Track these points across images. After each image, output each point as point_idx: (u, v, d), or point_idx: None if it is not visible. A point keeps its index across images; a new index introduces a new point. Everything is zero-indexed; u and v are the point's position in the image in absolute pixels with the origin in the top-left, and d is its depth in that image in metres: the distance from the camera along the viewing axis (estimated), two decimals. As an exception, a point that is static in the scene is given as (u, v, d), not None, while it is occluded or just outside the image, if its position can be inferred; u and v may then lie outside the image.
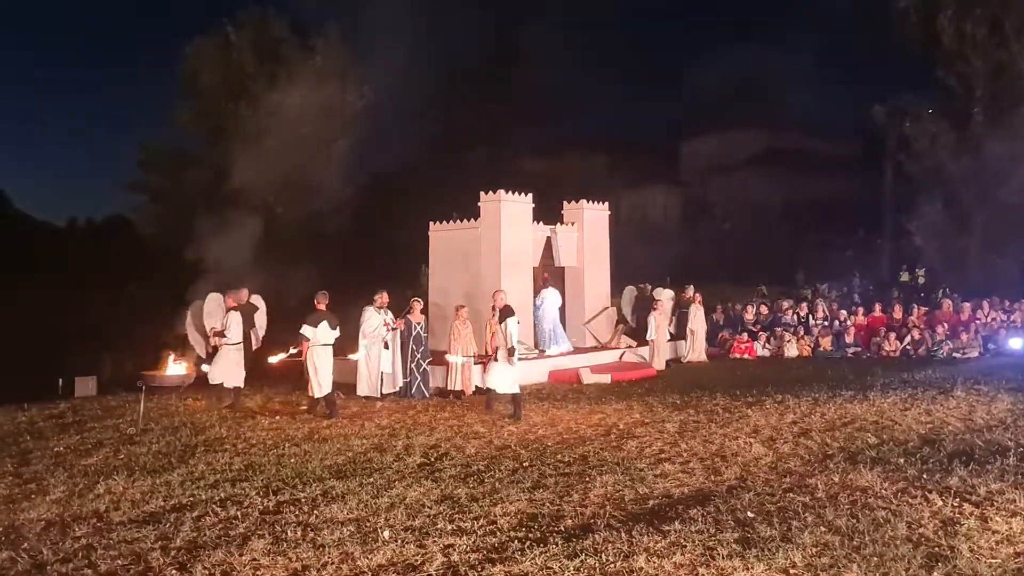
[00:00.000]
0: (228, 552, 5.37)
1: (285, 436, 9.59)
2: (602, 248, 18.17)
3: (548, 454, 8.44)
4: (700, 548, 5.34)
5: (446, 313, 15.11)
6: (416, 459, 8.29)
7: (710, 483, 7.15)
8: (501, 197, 15.83)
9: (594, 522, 6.00)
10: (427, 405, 12.03)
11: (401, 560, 5.23)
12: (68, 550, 5.48)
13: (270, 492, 6.99)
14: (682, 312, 18.31)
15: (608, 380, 14.47)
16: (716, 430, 9.62)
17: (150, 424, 10.42)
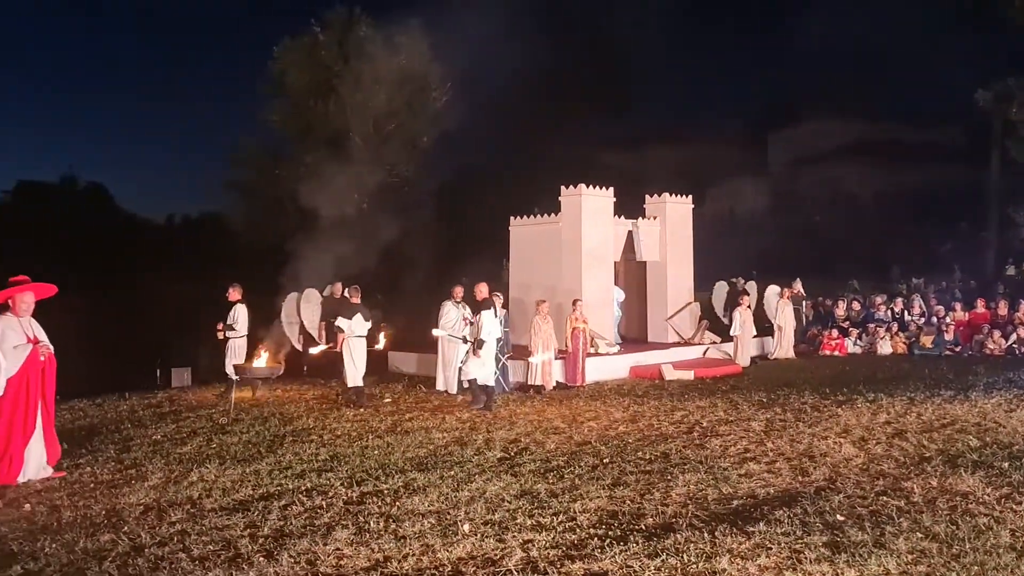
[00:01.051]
0: (313, 541, 5.49)
1: (369, 428, 9.77)
2: (685, 242, 17.86)
3: (629, 451, 8.34)
4: (786, 551, 5.17)
5: (526, 308, 15.13)
6: (496, 453, 8.32)
7: (797, 484, 6.93)
8: (582, 191, 15.74)
9: (676, 521, 5.89)
10: (507, 399, 12.06)
11: (481, 554, 5.25)
12: (164, 534, 5.70)
13: (354, 483, 7.12)
14: (795, 307, 18.01)
15: (691, 376, 14.22)
16: (804, 429, 9.33)
17: (241, 414, 10.77)
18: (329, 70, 23.94)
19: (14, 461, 7.11)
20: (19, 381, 7.13)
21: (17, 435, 7.12)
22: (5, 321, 7.20)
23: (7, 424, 7.08)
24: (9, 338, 7.13)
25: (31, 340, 7.25)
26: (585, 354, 13.76)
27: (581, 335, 13.61)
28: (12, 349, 7.09)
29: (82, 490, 7.00)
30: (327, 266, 16.15)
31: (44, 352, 7.32)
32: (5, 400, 7.04)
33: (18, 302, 7.30)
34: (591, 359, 14.11)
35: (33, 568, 5.05)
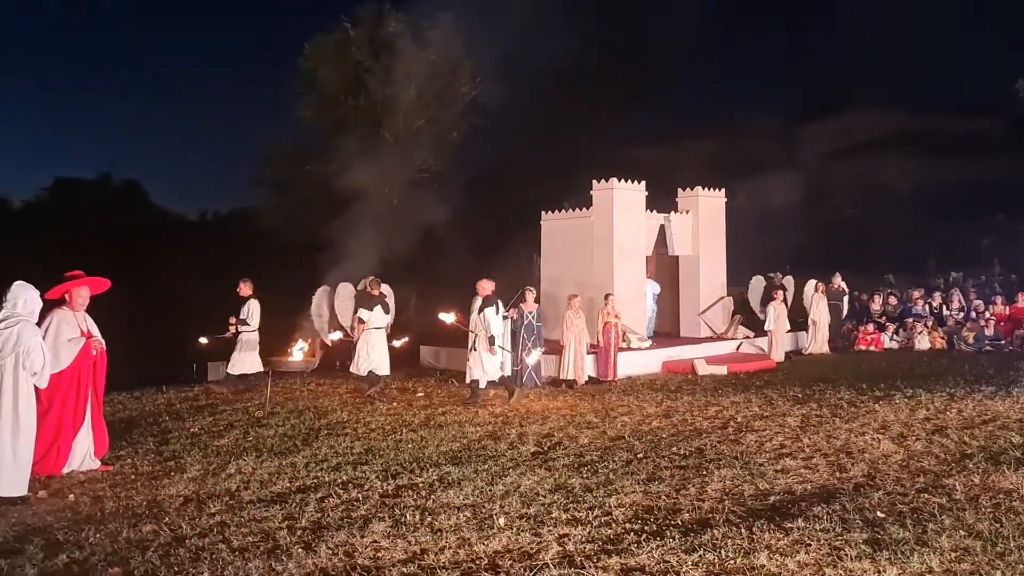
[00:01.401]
0: (350, 533, 5.53)
1: (402, 422, 9.82)
2: (718, 236, 17.72)
3: (663, 446, 8.30)
4: (826, 547, 5.11)
5: (558, 302, 15.12)
6: (529, 448, 8.32)
7: (835, 480, 6.85)
8: (614, 185, 15.67)
9: (712, 517, 5.85)
10: (539, 394, 12.06)
11: (517, 547, 5.26)
12: (204, 525, 5.78)
13: (389, 476, 7.17)
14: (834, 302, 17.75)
15: (724, 372, 14.12)
16: (841, 425, 9.22)
17: (276, 408, 10.88)
18: (359, 66, 24.02)
19: (62, 452, 7.24)
20: (71, 374, 7.25)
21: (67, 427, 7.24)
22: (61, 315, 7.34)
23: (58, 416, 7.21)
24: (64, 331, 7.25)
25: (84, 334, 7.38)
26: (617, 349, 13.71)
27: (613, 330, 13.57)
28: (66, 342, 7.22)
29: (123, 481, 7.12)
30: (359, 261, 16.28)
31: (96, 347, 7.44)
32: (56, 392, 7.17)
33: (75, 296, 7.44)
34: (623, 354, 14.06)
35: (79, 557, 5.15)
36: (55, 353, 7.16)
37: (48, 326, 7.23)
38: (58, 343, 7.20)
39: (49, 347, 7.11)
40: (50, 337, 7.17)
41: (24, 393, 6.62)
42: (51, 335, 7.19)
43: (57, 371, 7.16)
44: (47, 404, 7.17)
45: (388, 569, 4.87)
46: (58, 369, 7.18)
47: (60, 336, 7.25)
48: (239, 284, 12.96)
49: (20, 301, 6.68)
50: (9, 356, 6.53)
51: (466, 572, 4.83)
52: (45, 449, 7.16)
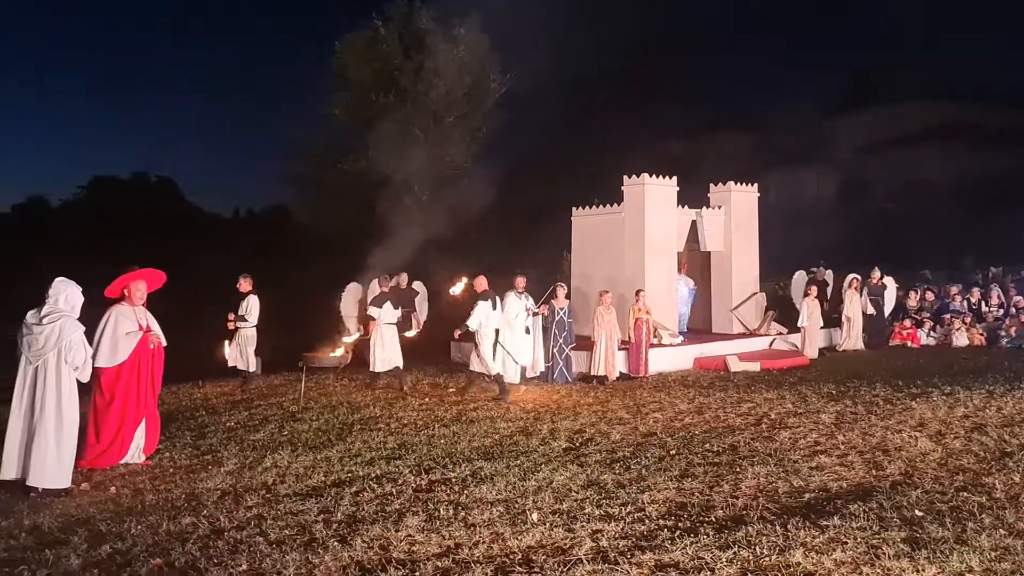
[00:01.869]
0: (385, 527, 5.59)
1: (434, 417, 9.88)
2: (751, 232, 17.56)
3: (696, 443, 8.26)
4: (863, 546, 5.06)
5: (588, 298, 15.09)
6: (561, 443, 8.33)
7: (871, 478, 6.78)
8: (645, 181, 15.60)
9: (746, 514, 5.82)
10: (570, 390, 12.06)
11: (550, 543, 5.27)
12: (241, 518, 5.87)
13: (422, 471, 7.22)
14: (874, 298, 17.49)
15: (757, 368, 14.00)
16: (876, 422, 9.11)
17: (310, 403, 11.00)
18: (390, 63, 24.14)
19: (124, 444, 7.40)
20: (131, 367, 7.40)
21: (129, 419, 7.40)
22: (119, 309, 7.48)
23: (120, 408, 7.36)
24: (122, 325, 7.39)
25: (142, 328, 7.50)
26: (648, 345, 13.66)
27: (644, 325, 13.52)
28: (124, 336, 7.36)
29: (163, 474, 7.25)
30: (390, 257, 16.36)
31: (154, 341, 7.57)
32: (118, 385, 7.33)
33: (132, 291, 7.58)
34: (654, 350, 14.00)
35: (121, 547, 5.26)
36: (114, 347, 7.31)
37: (107, 321, 7.38)
38: (116, 337, 7.34)
39: (108, 341, 7.27)
40: (108, 331, 7.32)
41: (67, 387, 6.75)
42: (109, 329, 7.33)
43: (116, 364, 7.32)
44: (109, 397, 7.35)
45: (423, 563, 4.91)
46: (117, 362, 7.33)
47: (118, 330, 7.37)
48: (239, 280, 12.94)
49: (61, 297, 6.81)
50: (52, 351, 6.67)
51: (500, 567, 4.86)
52: (109, 441, 7.34)
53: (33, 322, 6.72)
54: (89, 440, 7.37)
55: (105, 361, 7.34)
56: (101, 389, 7.37)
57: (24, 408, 6.71)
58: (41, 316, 6.72)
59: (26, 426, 6.68)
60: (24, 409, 6.71)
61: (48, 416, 6.63)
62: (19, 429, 6.69)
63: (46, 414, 6.62)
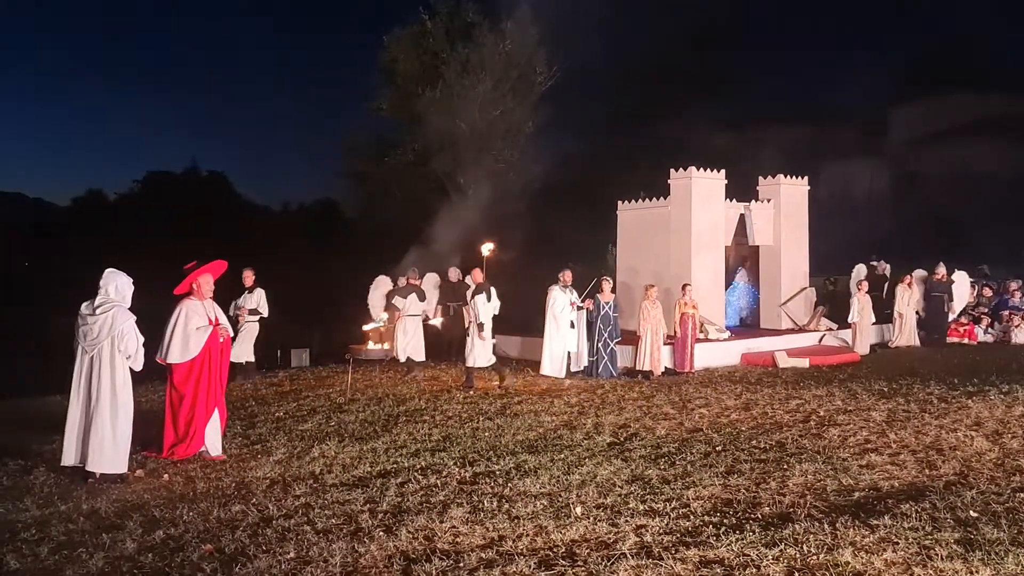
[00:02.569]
0: (429, 518, 5.63)
1: (479, 410, 9.92)
2: (800, 226, 17.27)
3: (742, 439, 8.17)
4: (915, 546, 4.96)
5: (634, 293, 15.00)
6: (606, 438, 8.31)
7: (924, 477, 6.62)
8: (692, 174, 15.43)
9: (793, 511, 5.73)
10: (615, 385, 12.01)
11: (594, 537, 5.26)
12: (290, 507, 5.97)
13: (466, 463, 7.26)
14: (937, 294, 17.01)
15: (806, 364, 13.78)
16: (930, 421, 8.90)
17: (356, 394, 11.14)
18: (436, 57, 24.25)
19: (196, 437, 7.48)
20: (202, 361, 7.48)
21: (201, 412, 7.48)
22: (189, 304, 7.57)
23: (191, 402, 7.46)
24: (192, 320, 7.48)
25: (212, 322, 7.60)
26: (694, 340, 13.53)
27: (690, 320, 13.39)
28: (195, 330, 7.45)
29: (213, 463, 7.40)
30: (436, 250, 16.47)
31: (223, 334, 7.67)
32: (189, 379, 7.43)
33: (202, 285, 7.68)
34: (700, 345, 13.87)
35: (174, 533, 5.39)
36: (185, 342, 7.41)
37: (177, 316, 7.48)
38: (188, 332, 7.43)
39: (179, 337, 7.38)
40: (180, 327, 7.42)
41: (120, 375, 6.91)
42: (180, 325, 7.43)
43: (188, 359, 7.42)
44: (183, 391, 7.45)
45: (467, 554, 4.94)
46: (188, 357, 7.42)
47: (189, 325, 7.46)
48: (243, 272, 12.54)
49: (111, 287, 6.98)
50: (105, 340, 6.84)
51: (543, 559, 4.86)
52: (183, 433, 7.45)
53: (87, 313, 6.91)
54: (167, 433, 7.52)
55: (177, 356, 7.42)
56: (174, 384, 7.49)
57: (81, 397, 6.91)
58: (94, 307, 6.91)
59: (83, 414, 6.88)
60: (81, 398, 6.91)
61: (103, 404, 6.81)
62: (77, 417, 6.90)
63: (101, 402, 6.81)
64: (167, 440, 7.53)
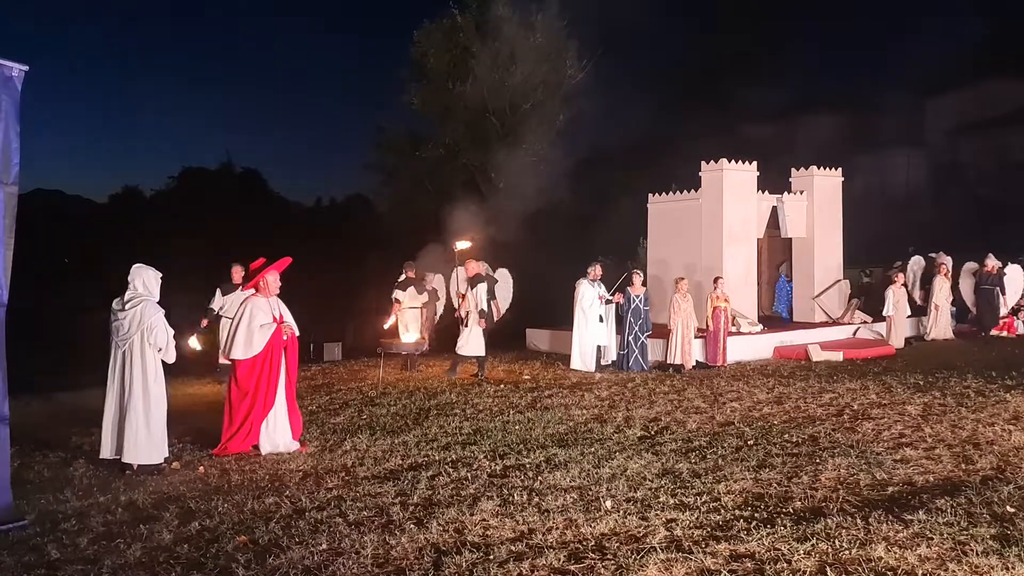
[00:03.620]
0: (460, 511, 5.67)
1: (509, 404, 9.96)
2: (834, 218, 17.06)
3: (774, 433, 8.11)
4: (949, 542, 4.89)
5: (664, 286, 14.93)
6: (636, 432, 8.29)
7: (960, 472, 6.52)
8: (723, 166, 15.31)
9: (826, 506, 5.68)
10: (645, 378, 11.97)
11: (624, 530, 5.26)
12: (322, 499, 6.05)
13: (497, 456, 7.29)
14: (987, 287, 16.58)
15: (840, 358, 13.61)
16: (967, 415, 8.76)
17: (388, 388, 11.23)
18: (467, 51, 24.25)
19: (252, 432, 7.52)
20: (263, 358, 7.49)
21: (258, 408, 7.50)
22: (254, 301, 7.64)
23: (251, 398, 7.49)
24: (257, 317, 7.53)
25: (276, 320, 7.63)
26: (726, 333, 13.44)
27: (722, 314, 13.30)
28: (259, 327, 7.49)
29: (247, 455, 7.51)
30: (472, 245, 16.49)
31: (287, 331, 7.67)
32: (251, 376, 7.47)
33: (268, 283, 7.75)
34: (732, 338, 13.76)
35: (209, 524, 5.49)
36: (248, 339, 7.46)
37: (242, 313, 7.57)
38: (251, 329, 7.47)
39: (243, 333, 7.45)
40: (244, 323, 7.49)
41: (152, 368, 7.02)
42: (245, 321, 7.50)
43: (251, 356, 7.46)
44: (244, 387, 7.49)
45: (497, 546, 4.97)
46: (252, 354, 7.45)
47: (253, 322, 7.50)
48: (231, 268, 11.97)
49: (139, 282, 7.10)
50: (136, 333, 6.97)
51: (573, 552, 4.88)
52: (236, 428, 7.51)
53: (117, 308, 7.06)
54: (223, 428, 7.59)
55: (240, 353, 7.46)
56: (237, 380, 7.54)
57: (116, 390, 7.06)
58: (124, 302, 7.05)
59: (117, 407, 7.02)
60: (115, 391, 7.06)
61: (136, 396, 6.94)
62: (113, 411, 7.05)
63: (134, 394, 6.94)
64: (223, 435, 7.58)
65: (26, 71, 5.46)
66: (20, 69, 5.44)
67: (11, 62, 5.41)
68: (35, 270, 26.65)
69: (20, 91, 5.45)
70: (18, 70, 5.44)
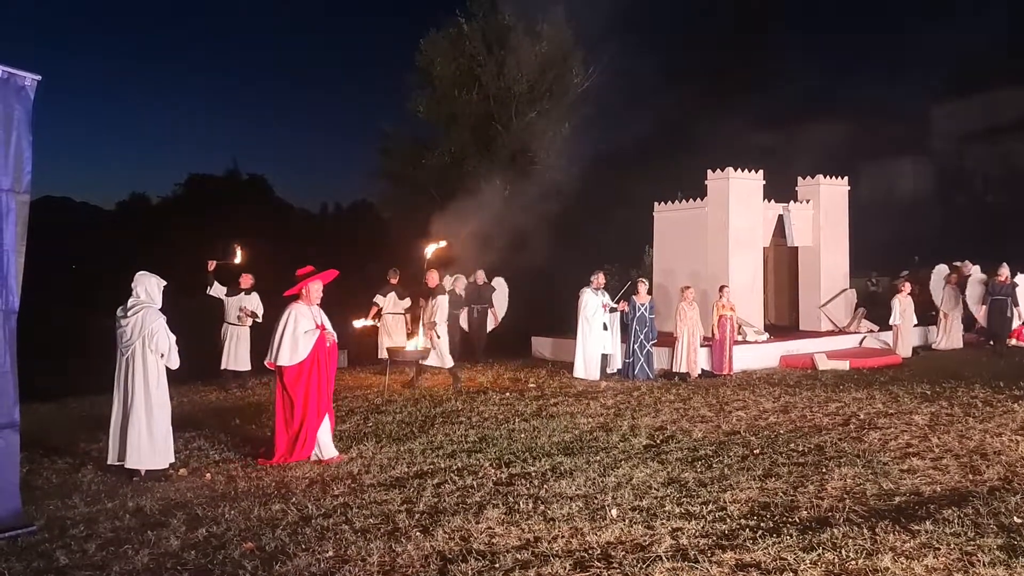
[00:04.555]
0: (466, 519, 5.68)
1: (515, 412, 9.96)
2: (840, 226, 17.05)
3: (780, 442, 8.10)
4: (956, 552, 4.88)
5: (670, 294, 14.93)
6: (642, 440, 8.29)
7: (967, 483, 6.51)
8: (729, 174, 15.33)
9: (832, 515, 5.68)
10: (651, 387, 11.96)
11: (629, 539, 5.27)
12: (328, 506, 6.06)
13: (502, 464, 7.30)
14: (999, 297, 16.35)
15: (846, 367, 13.59)
16: (974, 425, 8.74)
17: (394, 395, 11.24)
18: (472, 59, 24.32)
19: (308, 440, 7.47)
20: (311, 365, 7.48)
21: (311, 415, 7.47)
22: (297, 309, 7.62)
23: (303, 406, 7.45)
24: (301, 324, 7.53)
25: (319, 327, 7.63)
26: (732, 342, 13.43)
27: (728, 322, 13.29)
28: (303, 334, 7.49)
29: (254, 463, 7.52)
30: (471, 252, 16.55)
31: (329, 338, 7.68)
32: (299, 383, 7.44)
33: (311, 291, 7.75)
34: (738, 347, 13.75)
35: (216, 531, 5.51)
36: (294, 345, 7.45)
37: (286, 320, 7.54)
38: (296, 336, 7.48)
39: (288, 340, 7.45)
40: (288, 330, 7.48)
41: (153, 374, 7.06)
42: (290, 328, 7.49)
43: (297, 362, 7.44)
44: (292, 394, 7.47)
45: (502, 554, 4.98)
46: (297, 361, 7.44)
47: (298, 328, 7.51)
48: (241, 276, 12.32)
49: (141, 289, 7.15)
50: (137, 340, 7.01)
51: (579, 561, 4.88)
52: (292, 438, 7.44)
53: (120, 315, 7.12)
54: (278, 438, 7.53)
55: (286, 360, 7.45)
56: (285, 387, 7.51)
57: (120, 397, 7.10)
58: (127, 309, 7.10)
59: (121, 413, 7.07)
60: (120, 397, 7.10)
61: (138, 402, 6.98)
62: (117, 417, 7.10)
63: (136, 400, 6.98)
64: (280, 444, 7.50)
65: (39, 80, 5.51)
66: (33, 79, 5.49)
67: (24, 72, 5.46)
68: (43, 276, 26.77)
69: (33, 101, 5.50)
70: (31, 80, 5.49)
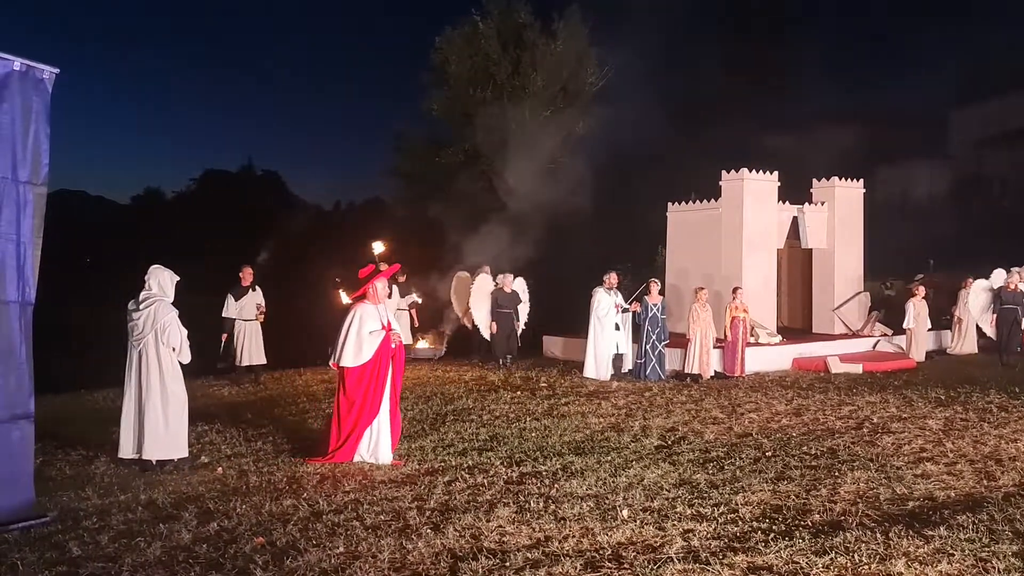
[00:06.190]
0: (476, 517, 5.67)
1: (526, 411, 9.95)
2: (855, 229, 16.95)
3: (793, 445, 8.05)
4: (971, 558, 4.84)
5: (683, 295, 14.88)
6: (653, 441, 8.26)
7: (982, 488, 6.45)
8: (744, 176, 15.27)
9: (844, 519, 5.64)
10: (663, 387, 11.92)
11: (640, 540, 5.25)
12: (339, 502, 6.07)
13: (513, 463, 7.29)
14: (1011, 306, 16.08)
15: (859, 370, 13.50)
16: (989, 430, 8.66)
17: (405, 393, 11.21)
18: (488, 58, 24.33)
19: (352, 440, 7.32)
20: (372, 366, 7.29)
21: (364, 417, 7.32)
22: (363, 309, 7.45)
23: (359, 407, 7.30)
24: (367, 324, 7.36)
25: (385, 327, 7.47)
26: (745, 343, 13.37)
27: (741, 324, 13.23)
28: (368, 335, 7.32)
29: (266, 457, 7.56)
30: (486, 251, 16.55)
31: (395, 339, 7.50)
32: (360, 383, 7.27)
33: (378, 290, 7.60)
34: (751, 349, 13.69)
35: (228, 526, 5.53)
36: (358, 346, 7.27)
37: (351, 320, 7.36)
38: (361, 336, 7.31)
39: (353, 341, 7.26)
40: (354, 331, 7.30)
41: (167, 366, 7.10)
42: (355, 328, 7.31)
43: (361, 363, 7.26)
44: (352, 396, 7.29)
45: (513, 553, 4.97)
46: (361, 362, 7.25)
47: (363, 329, 7.33)
48: (242, 270, 12.18)
49: (154, 282, 7.19)
50: (150, 333, 7.05)
51: (589, 561, 4.87)
52: (344, 438, 7.30)
53: (132, 308, 7.15)
54: (332, 437, 7.40)
55: (350, 360, 7.27)
56: (345, 388, 7.35)
57: (133, 389, 7.14)
58: (139, 302, 7.14)
59: (136, 406, 7.10)
60: (133, 391, 7.14)
61: (153, 394, 7.02)
62: (131, 410, 7.13)
63: (152, 392, 7.02)
64: (332, 444, 7.38)
65: (57, 73, 5.55)
66: (51, 72, 5.53)
67: (42, 65, 5.49)
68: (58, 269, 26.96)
69: (51, 93, 5.53)
70: (49, 72, 5.52)
